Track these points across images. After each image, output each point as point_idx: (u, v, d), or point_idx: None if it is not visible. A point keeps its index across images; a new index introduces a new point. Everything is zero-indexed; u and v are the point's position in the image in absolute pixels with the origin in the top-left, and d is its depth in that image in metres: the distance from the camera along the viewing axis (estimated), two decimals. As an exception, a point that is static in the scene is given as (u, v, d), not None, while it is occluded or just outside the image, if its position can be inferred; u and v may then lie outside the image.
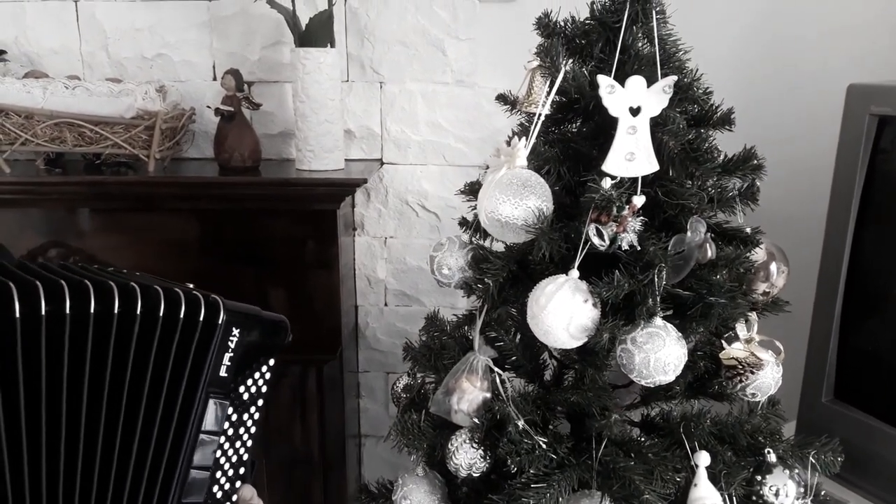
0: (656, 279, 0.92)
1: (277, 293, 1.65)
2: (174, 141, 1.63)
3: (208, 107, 1.69)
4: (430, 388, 1.29)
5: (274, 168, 1.73)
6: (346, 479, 1.87)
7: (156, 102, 1.56)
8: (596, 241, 0.94)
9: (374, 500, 1.27)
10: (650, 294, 0.92)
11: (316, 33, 1.59)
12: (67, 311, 0.69)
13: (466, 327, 1.22)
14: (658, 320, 0.94)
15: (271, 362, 0.83)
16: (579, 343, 0.97)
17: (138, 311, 0.73)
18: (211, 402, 0.79)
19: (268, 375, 0.84)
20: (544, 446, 1.03)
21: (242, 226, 1.63)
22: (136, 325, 0.73)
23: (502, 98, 1.11)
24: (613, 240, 0.94)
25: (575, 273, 0.97)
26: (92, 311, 0.70)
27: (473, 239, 1.15)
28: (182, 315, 0.75)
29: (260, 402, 0.84)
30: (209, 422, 0.79)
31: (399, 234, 1.89)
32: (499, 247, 1.16)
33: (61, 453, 0.71)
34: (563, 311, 0.94)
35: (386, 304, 1.95)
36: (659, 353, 0.92)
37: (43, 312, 0.68)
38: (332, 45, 1.62)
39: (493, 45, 1.75)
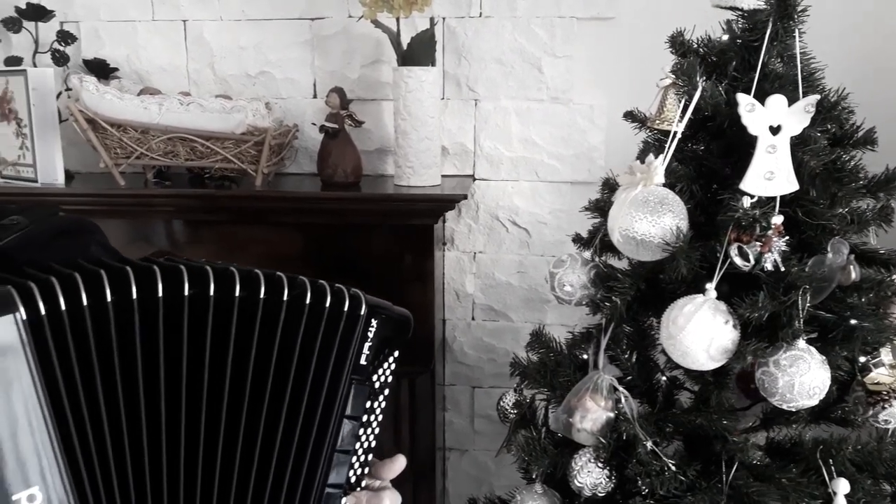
0: (800, 301, 0.91)
1: (374, 306, 1.67)
2: (280, 157, 1.67)
3: (313, 123, 1.73)
4: (540, 404, 1.29)
5: (370, 184, 1.76)
6: (435, 491, 1.87)
7: (265, 119, 1.60)
8: (739, 261, 0.93)
9: (484, 515, 1.27)
10: (795, 316, 0.91)
11: (418, 52, 1.62)
12: (211, 293, 0.70)
13: (583, 345, 1.21)
14: (801, 343, 0.92)
15: (396, 354, 0.85)
16: (718, 365, 0.96)
17: (284, 298, 0.74)
18: (353, 387, 0.80)
19: (393, 366, 0.85)
20: (673, 468, 1.02)
21: (342, 239, 1.66)
22: (283, 312, 0.74)
23: (630, 115, 1.10)
24: (758, 260, 0.93)
25: (713, 293, 0.96)
26: (237, 294, 0.72)
27: (595, 256, 1.15)
28: (328, 304, 0.77)
29: (387, 392, 0.85)
30: (352, 406, 0.80)
31: (488, 249, 1.90)
32: (619, 265, 1.16)
33: (201, 430, 0.72)
34: (703, 333, 0.93)
35: (473, 319, 1.96)
36: (804, 377, 0.90)
37: (186, 293, 0.68)
38: (433, 64, 1.64)
39: (590, 62, 1.75)
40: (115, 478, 0.67)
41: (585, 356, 1.21)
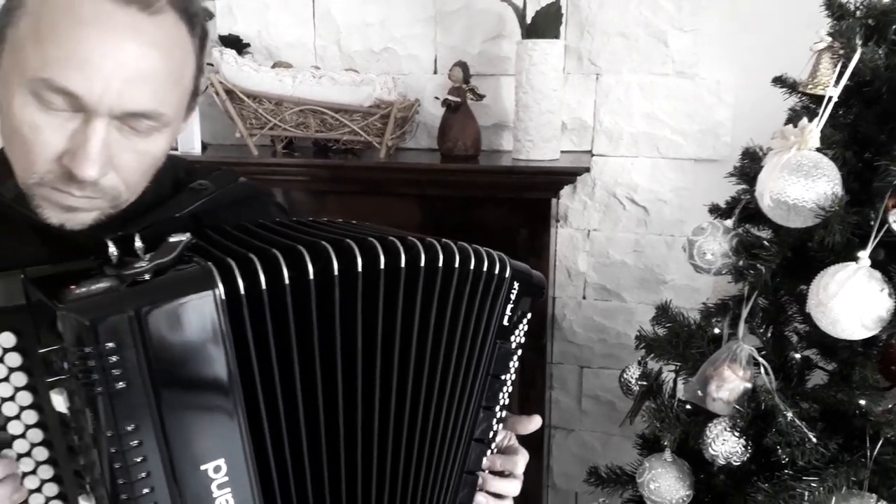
0: (967, 271, 0.87)
1: (490, 279, 1.69)
2: (402, 130, 1.72)
3: (436, 98, 1.76)
4: (667, 377, 1.28)
5: (486, 158, 1.78)
6: (542, 468, 1.89)
7: (391, 93, 1.65)
8: (899, 227, 0.90)
9: (605, 484, 1.27)
10: (960, 286, 0.87)
11: (543, 25, 1.62)
12: (382, 266, 0.71)
13: (717, 318, 1.19)
14: (965, 314, 0.88)
15: (529, 315, 0.86)
16: (869, 334, 0.93)
17: (440, 265, 0.75)
18: (497, 347, 0.82)
19: (526, 327, 0.87)
20: (814, 440, 1.00)
21: (460, 212, 1.68)
22: (439, 277, 0.75)
23: (780, 80, 1.08)
24: (919, 227, 0.89)
25: (866, 261, 0.93)
26: (403, 264, 0.72)
27: (736, 225, 1.13)
28: (484, 269, 0.78)
29: (520, 352, 0.87)
30: (495, 365, 0.83)
31: (603, 227, 1.89)
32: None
33: (358, 391, 0.74)
34: (856, 300, 0.90)
35: (584, 298, 1.95)
36: (969, 349, 0.86)
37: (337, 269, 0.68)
38: (557, 37, 1.64)
39: (718, 36, 1.71)
40: (306, 458, 0.68)
41: (717, 330, 1.19)
